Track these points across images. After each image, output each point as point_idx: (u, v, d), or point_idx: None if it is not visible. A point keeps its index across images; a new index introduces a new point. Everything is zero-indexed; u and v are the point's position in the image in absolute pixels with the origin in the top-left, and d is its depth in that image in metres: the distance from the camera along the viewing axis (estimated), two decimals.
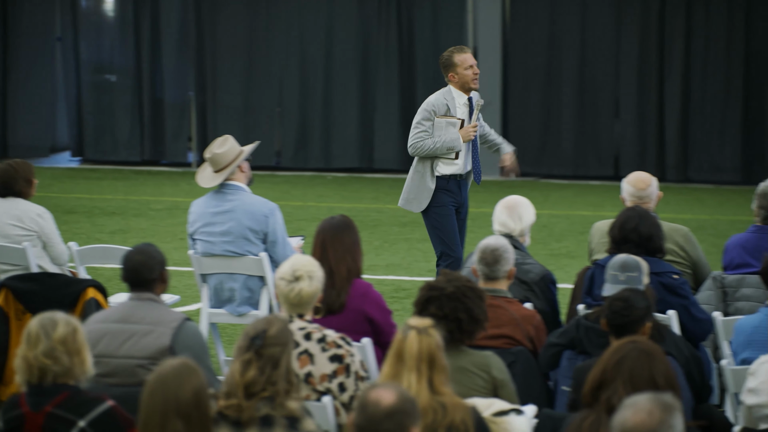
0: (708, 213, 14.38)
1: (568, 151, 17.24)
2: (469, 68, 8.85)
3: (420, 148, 8.75)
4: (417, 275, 11.16)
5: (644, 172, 7.58)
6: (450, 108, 8.79)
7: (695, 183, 16.62)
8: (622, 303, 5.42)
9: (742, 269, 7.22)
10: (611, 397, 4.32)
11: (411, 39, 17.65)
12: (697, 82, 16.69)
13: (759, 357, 5.26)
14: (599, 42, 17.00)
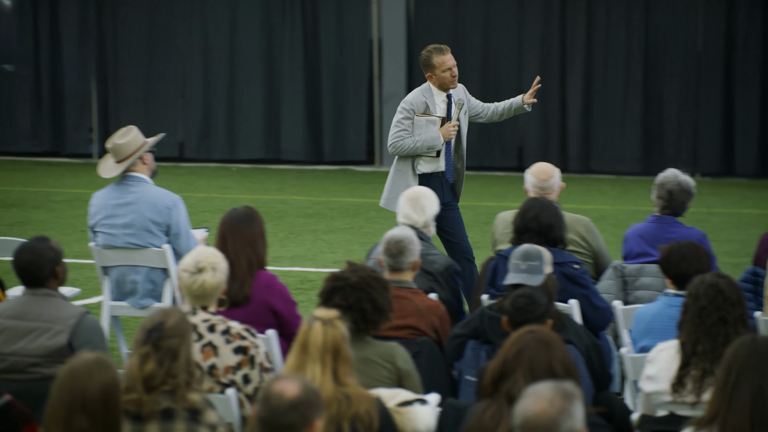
0: (609, 203, 14.55)
1: (472, 143, 17.33)
2: (447, 71, 8.75)
3: (400, 147, 8.61)
4: (322, 266, 11.16)
5: (547, 163, 7.65)
6: (429, 106, 8.70)
7: (597, 174, 16.81)
8: (525, 300, 5.46)
9: (642, 258, 7.32)
10: (512, 387, 4.35)
11: (316, 30, 17.62)
12: (598, 75, 16.87)
13: (657, 345, 5.34)
14: (503, 35, 17.10)
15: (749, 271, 7.02)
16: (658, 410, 5.20)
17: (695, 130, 16.62)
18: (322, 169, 17.48)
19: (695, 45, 16.58)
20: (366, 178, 16.72)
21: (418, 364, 5.59)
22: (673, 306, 5.71)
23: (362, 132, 17.71)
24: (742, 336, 4.29)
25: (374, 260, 6.55)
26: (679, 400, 5.08)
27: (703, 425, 4.17)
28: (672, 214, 7.40)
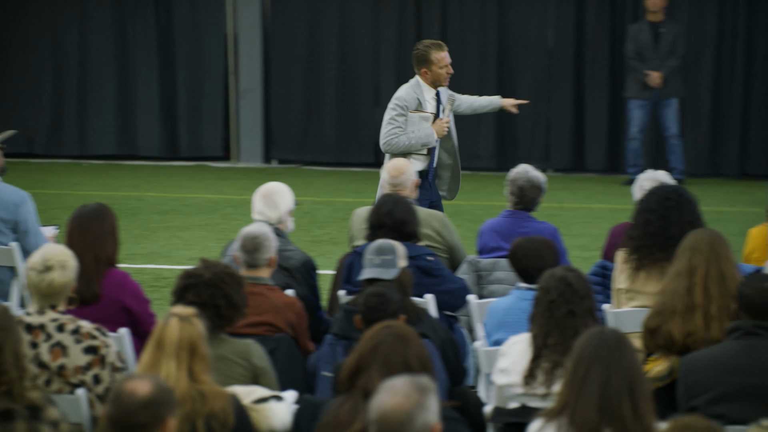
0: (464, 198, 14.66)
1: (330, 138, 17.34)
2: (444, 67, 8.64)
3: (395, 145, 8.46)
4: (177, 264, 11.04)
5: (402, 159, 7.68)
6: (421, 102, 8.58)
7: None
8: (376, 299, 5.48)
9: (496, 253, 7.40)
10: (367, 382, 4.36)
11: (170, 24, 17.44)
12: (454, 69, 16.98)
13: (510, 338, 5.40)
14: (359, 31, 17.13)
15: (598, 264, 7.14)
16: (510, 402, 5.26)
17: (547, 126, 16.86)
18: (178, 165, 17.31)
19: (546, 42, 16.82)
20: (223, 174, 16.60)
21: (274, 361, 5.57)
22: (526, 300, 5.78)
23: (218, 127, 17.57)
24: (591, 328, 4.36)
25: (230, 257, 6.51)
26: (530, 393, 5.15)
27: (553, 416, 4.23)
28: (524, 209, 7.50)
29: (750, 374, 4.91)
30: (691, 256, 5.66)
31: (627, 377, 4.15)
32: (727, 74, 16.17)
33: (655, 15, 15.33)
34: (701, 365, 5.03)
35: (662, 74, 15.10)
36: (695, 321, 5.59)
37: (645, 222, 6.33)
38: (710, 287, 5.61)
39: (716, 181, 15.99)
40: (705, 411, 4.87)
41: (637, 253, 6.34)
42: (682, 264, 5.67)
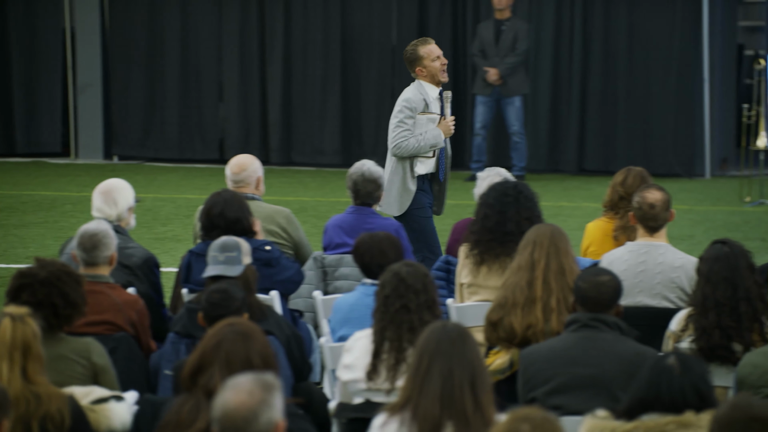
0: (310, 195, 14.65)
1: (172, 134, 17.15)
2: (436, 59, 8.47)
3: (404, 147, 8.26)
4: (14, 262, 10.79)
5: (247, 155, 7.62)
6: (428, 103, 8.40)
7: (298, 166, 16.90)
8: (219, 295, 5.42)
9: (341, 249, 7.40)
10: (209, 380, 4.31)
11: (3, 19, 17.04)
12: (298, 66, 16.96)
13: (354, 333, 5.39)
14: (201, 25, 16.97)
15: (442, 259, 7.19)
16: (355, 398, 5.25)
17: None
18: (14, 161, 16.93)
19: (390, 39, 16.88)
20: (61, 171, 16.29)
21: (115, 360, 5.48)
22: (370, 295, 5.78)
23: (57, 123, 17.23)
24: (434, 323, 4.37)
25: (68, 255, 6.38)
26: (375, 388, 5.14)
27: (396, 410, 4.23)
28: (364, 204, 7.51)
29: (586, 366, 4.99)
30: (532, 250, 5.73)
31: (469, 371, 4.18)
32: (565, 72, 16.44)
33: (501, 13, 15.51)
34: (540, 357, 5.10)
35: (498, 71, 15.27)
36: (535, 314, 5.65)
37: (483, 217, 6.40)
38: (550, 281, 5.68)
39: (555, 177, 16.24)
40: (543, 402, 4.93)
41: (477, 248, 6.40)
42: (524, 258, 5.74)
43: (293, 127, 17.01)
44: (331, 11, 16.85)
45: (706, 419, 3.72)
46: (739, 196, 14.40)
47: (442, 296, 6.15)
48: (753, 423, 3.47)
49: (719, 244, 5.64)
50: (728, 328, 5.44)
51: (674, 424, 4.00)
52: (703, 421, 3.89)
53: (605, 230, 7.37)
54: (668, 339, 5.70)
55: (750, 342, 5.40)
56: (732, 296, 5.47)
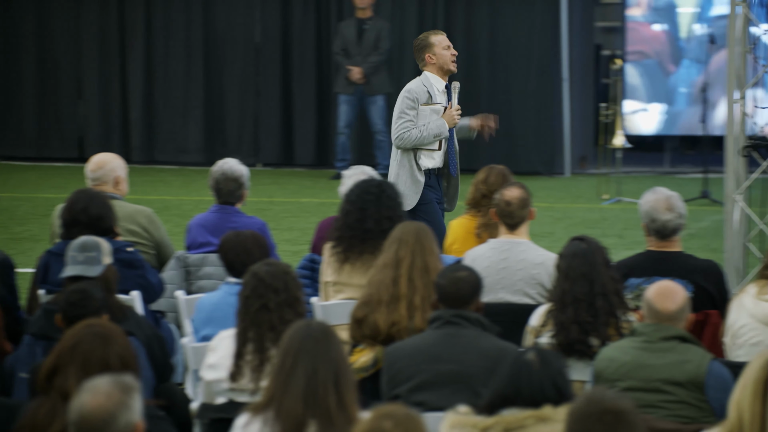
0: (173, 194, 14.52)
1: (30, 132, 16.85)
2: (446, 48, 8.23)
3: (407, 138, 8.07)
4: None
5: (107, 153, 7.52)
6: (431, 95, 8.20)
7: (161, 164, 16.74)
8: (78, 295, 5.33)
9: (205, 248, 7.34)
10: (64, 383, 4.24)
11: None
12: (159, 64, 16.79)
13: (219, 333, 5.35)
14: (58, 21, 16.70)
15: (307, 258, 7.19)
16: (217, 398, 5.22)
17: (256, 120, 16.86)
18: None
19: (253, 37, 16.81)
20: None
21: None
22: (234, 294, 5.74)
23: None
24: (298, 322, 4.36)
25: None
26: (239, 388, 5.11)
27: (260, 410, 4.22)
28: (227, 203, 7.47)
29: (449, 362, 5.03)
30: (397, 248, 5.76)
31: (333, 369, 4.18)
32: None
33: (363, 12, 15.55)
34: (404, 355, 5.12)
35: (362, 70, 15.31)
36: (400, 311, 5.68)
37: (345, 215, 6.43)
38: (415, 278, 5.71)
39: None
40: (407, 399, 4.96)
41: (340, 246, 6.41)
42: (389, 255, 5.77)
43: (155, 125, 16.84)
44: (193, 8, 16.72)
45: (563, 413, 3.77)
46: (597, 194, 14.65)
47: (308, 295, 6.15)
48: (605, 415, 3.53)
49: (577, 241, 5.72)
50: (585, 323, 5.53)
51: (533, 419, 4.05)
52: (560, 414, 3.94)
53: (468, 228, 7.44)
54: (528, 334, 5.77)
55: (606, 336, 5.49)
56: (589, 292, 5.55)
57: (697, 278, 6.21)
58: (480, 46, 16.35)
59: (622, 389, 4.86)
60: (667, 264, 6.25)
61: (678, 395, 4.88)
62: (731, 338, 5.65)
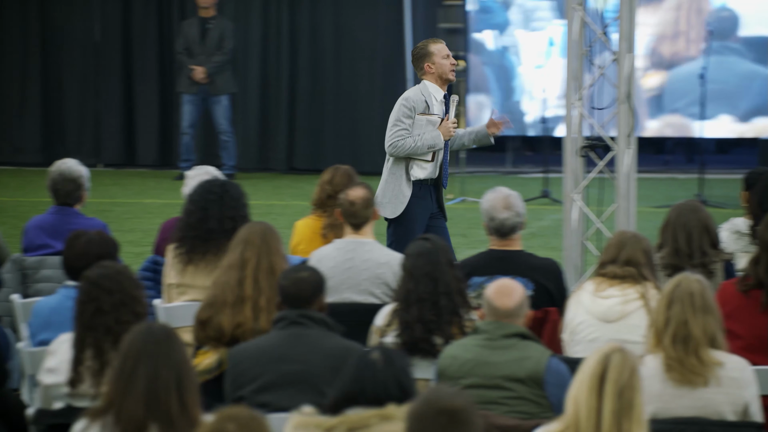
0: (9, 195, 14.22)
1: None
2: (446, 57, 8.09)
3: (400, 147, 7.93)
4: None
5: None
6: (428, 105, 7.98)
7: None
8: None
9: (43, 251, 7.20)
10: None
11: None
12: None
13: (59, 336, 5.25)
14: None
15: (150, 260, 7.10)
16: (55, 403, 5.12)
17: (97, 120, 16.62)
18: None
19: (93, 35, 16.56)
20: None
21: None
22: (72, 298, 5.63)
23: None
24: (139, 324, 4.30)
25: None
26: (78, 393, 5.02)
27: (99, 414, 4.15)
28: (65, 205, 7.34)
29: (293, 362, 5.02)
30: (243, 249, 5.72)
31: (175, 371, 4.13)
32: (273, 71, 16.50)
33: (206, 11, 15.43)
34: (247, 356, 5.09)
35: (206, 69, 15.21)
36: (245, 313, 5.65)
37: (188, 215, 6.37)
38: (260, 280, 5.68)
39: (266, 175, 16.29)
40: (251, 401, 4.93)
41: (183, 247, 6.35)
42: (235, 256, 5.73)
43: None
44: (29, 5, 16.40)
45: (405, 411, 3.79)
46: None
47: (151, 297, 6.06)
48: (439, 416, 3.56)
49: (422, 241, 5.76)
50: (429, 322, 5.57)
51: (377, 418, 4.06)
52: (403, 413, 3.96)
53: (314, 228, 7.44)
54: (374, 334, 5.79)
55: (450, 335, 5.54)
56: (433, 291, 5.59)
57: (537, 276, 6.31)
58: (325, 46, 16.36)
59: (464, 387, 4.90)
60: (508, 262, 6.33)
61: (518, 391, 4.94)
62: (569, 334, 5.75)
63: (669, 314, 4.78)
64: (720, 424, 4.68)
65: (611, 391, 3.88)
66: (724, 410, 4.76)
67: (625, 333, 5.55)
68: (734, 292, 5.56)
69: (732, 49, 16.36)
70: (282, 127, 16.54)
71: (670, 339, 4.76)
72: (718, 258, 6.22)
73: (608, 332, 5.59)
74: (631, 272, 5.62)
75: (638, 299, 5.60)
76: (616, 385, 3.89)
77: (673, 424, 4.67)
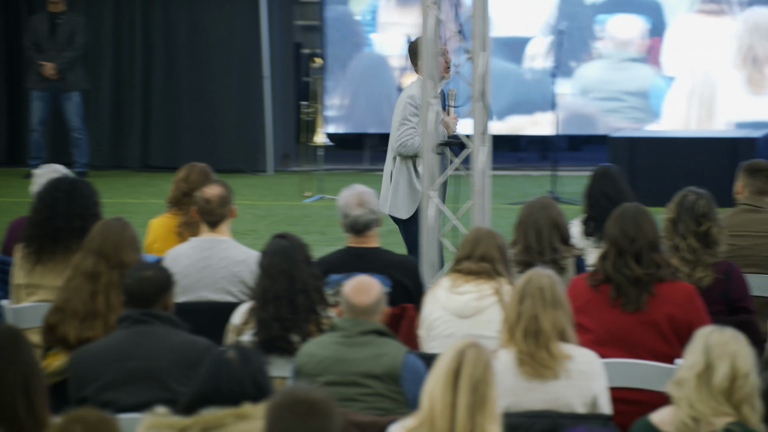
0: None
1: None
2: (441, 55, 7.80)
3: (410, 146, 7.95)
4: None
5: None
6: None
7: None
8: None
9: None
10: None
11: None
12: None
13: None
14: None
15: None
16: None
17: None
18: None
19: None
20: None
21: None
22: None
23: None
24: None
25: None
26: None
27: None
28: None
29: (138, 359, 4.96)
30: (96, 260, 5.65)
31: (21, 374, 4.05)
32: (127, 67, 16.32)
33: (56, 6, 15.17)
34: (91, 355, 5.03)
35: (56, 65, 14.95)
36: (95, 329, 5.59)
37: (35, 213, 6.27)
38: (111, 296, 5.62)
39: (120, 173, 16.10)
40: (95, 399, 4.87)
41: (31, 246, 6.25)
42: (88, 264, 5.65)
43: None
44: None
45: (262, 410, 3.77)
46: (300, 191, 14.77)
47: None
48: (297, 406, 3.55)
49: (279, 239, 5.75)
50: (286, 319, 5.56)
51: (232, 417, 4.03)
52: (259, 411, 3.94)
53: (169, 226, 7.36)
54: (230, 332, 5.76)
55: (307, 333, 5.54)
56: (290, 289, 5.58)
57: (394, 273, 6.34)
58: (179, 43, 16.22)
59: (321, 384, 4.91)
60: (366, 260, 6.35)
61: (375, 388, 4.96)
62: (426, 330, 5.78)
63: (520, 309, 4.84)
64: (570, 417, 4.75)
65: (465, 386, 3.91)
66: (574, 402, 4.83)
67: (480, 328, 5.60)
68: (584, 286, 5.66)
69: None
70: (136, 124, 16.35)
71: (521, 333, 4.82)
72: (568, 254, 6.32)
73: (464, 328, 5.64)
74: (486, 268, 5.68)
75: (493, 295, 5.66)
76: (471, 379, 3.92)
77: (525, 418, 4.72)
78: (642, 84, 16.55)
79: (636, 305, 5.55)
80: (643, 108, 16.59)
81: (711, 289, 5.99)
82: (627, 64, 16.56)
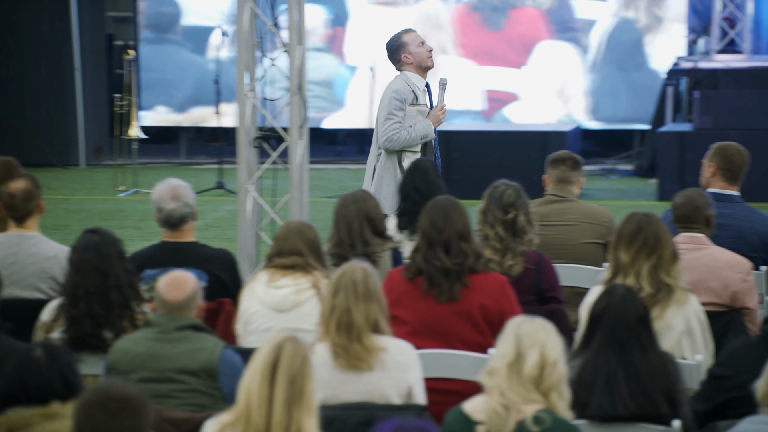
0: None
1: None
2: (421, 45, 7.97)
3: (396, 140, 7.81)
4: None
5: None
6: (416, 95, 7.92)
7: None
8: None
9: None
10: None
11: None
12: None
13: None
14: None
15: None
16: None
17: None
18: None
19: None
20: None
21: None
22: None
23: None
24: None
25: None
26: None
27: None
28: None
29: None
30: None
31: None
32: None
33: None
34: None
35: None
36: None
37: None
38: None
39: None
40: None
41: None
42: None
43: None
44: None
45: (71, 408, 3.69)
46: (114, 185, 14.55)
47: None
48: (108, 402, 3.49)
49: (90, 234, 5.64)
50: (99, 316, 5.47)
51: (40, 416, 3.94)
52: (68, 410, 3.85)
53: None
54: (39, 330, 5.63)
55: (121, 329, 5.45)
56: (102, 285, 5.49)
57: (211, 267, 6.29)
58: None
59: (136, 380, 4.83)
60: (181, 254, 6.28)
61: (190, 384, 4.91)
62: (243, 325, 5.75)
63: (334, 302, 4.85)
64: (385, 408, 4.78)
65: (282, 380, 3.90)
66: (390, 393, 4.86)
67: (298, 322, 5.59)
68: (400, 279, 5.69)
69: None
70: None
71: (335, 326, 4.84)
72: (382, 247, 6.35)
73: (282, 321, 5.62)
74: (298, 262, 5.68)
75: (311, 288, 5.66)
76: (288, 373, 3.91)
77: (341, 410, 4.73)
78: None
79: (448, 296, 5.60)
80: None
81: (522, 279, 6.08)
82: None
